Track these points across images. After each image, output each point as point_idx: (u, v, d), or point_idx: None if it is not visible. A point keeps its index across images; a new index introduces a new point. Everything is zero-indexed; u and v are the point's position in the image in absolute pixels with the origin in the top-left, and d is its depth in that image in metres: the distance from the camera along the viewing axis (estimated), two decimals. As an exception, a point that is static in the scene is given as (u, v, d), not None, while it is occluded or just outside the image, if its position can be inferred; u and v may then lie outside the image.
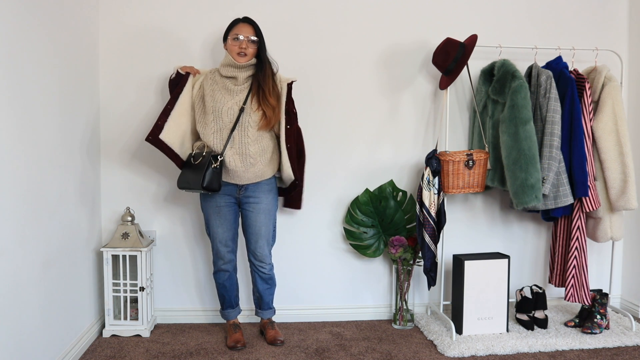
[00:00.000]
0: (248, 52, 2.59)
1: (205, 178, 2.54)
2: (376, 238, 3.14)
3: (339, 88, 3.13)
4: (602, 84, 2.95)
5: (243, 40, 2.58)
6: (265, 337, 2.87)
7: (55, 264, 2.40)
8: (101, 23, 2.97)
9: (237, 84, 2.63)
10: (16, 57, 2.06)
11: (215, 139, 2.62)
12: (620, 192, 2.88)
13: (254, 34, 2.61)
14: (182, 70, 2.71)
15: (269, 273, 2.83)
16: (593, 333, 2.87)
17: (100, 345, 2.78)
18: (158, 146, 2.60)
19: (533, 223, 3.32)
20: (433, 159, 2.89)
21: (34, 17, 2.20)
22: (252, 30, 2.61)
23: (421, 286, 3.24)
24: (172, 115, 2.60)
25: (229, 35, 2.63)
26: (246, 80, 2.65)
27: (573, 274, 2.96)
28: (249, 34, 2.60)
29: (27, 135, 2.14)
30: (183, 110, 2.66)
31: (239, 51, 2.58)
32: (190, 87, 2.69)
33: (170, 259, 3.13)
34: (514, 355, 2.69)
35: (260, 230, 2.74)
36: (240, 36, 2.59)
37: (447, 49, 2.87)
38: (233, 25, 2.64)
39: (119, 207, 3.05)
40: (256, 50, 2.62)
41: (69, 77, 2.57)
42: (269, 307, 2.92)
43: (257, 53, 2.64)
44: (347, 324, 3.14)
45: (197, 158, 2.62)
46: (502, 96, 2.89)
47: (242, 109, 2.61)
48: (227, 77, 2.64)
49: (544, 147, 2.83)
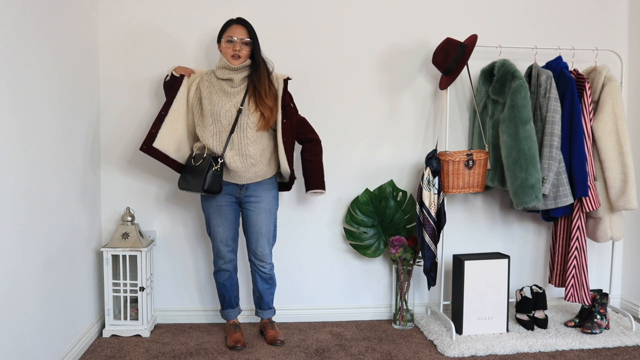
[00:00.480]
0: (242, 54, 2.59)
1: (206, 181, 2.54)
2: (376, 238, 3.14)
3: (339, 88, 3.13)
4: (602, 84, 2.95)
5: (236, 43, 2.58)
6: (265, 337, 2.87)
7: (55, 264, 2.40)
8: (101, 24, 2.97)
9: (234, 86, 2.64)
10: (16, 58, 2.05)
11: (215, 142, 2.62)
12: (620, 192, 2.88)
13: (248, 36, 2.60)
14: (176, 73, 2.70)
15: (270, 273, 2.83)
16: (593, 333, 2.87)
17: (100, 345, 2.78)
18: (153, 154, 2.60)
19: (533, 223, 3.32)
20: (433, 159, 2.89)
21: (33, 18, 2.20)
22: (246, 31, 2.61)
23: (421, 286, 3.24)
24: (166, 122, 2.60)
25: (222, 37, 2.63)
26: (242, 81, 2.65)
27: (573, 274, 2.96)
28: (242, 35, 2.59)
29: (27, 135, 2.14)
30: (178, 115, 2.65)
31: (232, 53, 2.58)
32: (185, 90, 2.68)
33: (170, 258, 3.13)
34: (514, 355, 2.69)
35: (261, 229, 2.74)
36: (233, 38, 2.58)
37: (447, 49, 2.87)
38: (226, 27, 2.63)
39: (119, 207, 3.05)
40: (250, 51, 2.62)
41: (69, 77, 2.57)
42: (269, 307, 2.92)
43: (252, 54, 2.63)
44: (347, 324, 3.14)
45: (197, 160, 2.62)
46: (502, 96, 2.89)
47: (240, 110, 2.61)
48: (224, 80, 2.64)
49: (544, 147, 2.83)
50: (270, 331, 2.85)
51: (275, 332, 2.84)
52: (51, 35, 2.36)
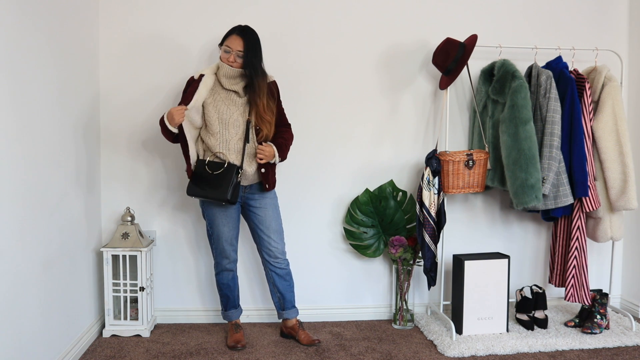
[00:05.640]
0: (235, 65, 2.61)
1: (231, 192, 2.55)
2: (376, 238, 3.14)
3: (339, 88, 3.12)
4: (602, 84, 2.95)
5: (231, 54, 2.59)
6: (298, 340, 2.81)
7: (55, 264, 2.40)
8: (101, 24, 2.97)
9: (240, 96, 2.65)
10: (16, 59, 2.06)
11: (223, 149, 2.60)
12: (620, 192, 2.88)
13: (243, 48, 2.59)
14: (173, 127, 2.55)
15: (286, 268, 2.82)
16: (593, 333, 2.87)
17: (100, 345, 2.78)
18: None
19: (533, 223, 3.32)
20: (433, 159, 2.89)
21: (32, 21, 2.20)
22: (242, 44, 2.59)
23: (421, 286, 3.24)
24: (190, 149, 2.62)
25: (222, 45, 2.63)
26: (245, 92, 2.66)
27: (573, 274, 2.96)
28: (238, 47, 2.59)
29: (27, 136, 2.14)
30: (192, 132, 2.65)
31: (227, 63, 2.61)
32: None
33: (170, 258, 3.13)
34: (514, 355, 2.69)
35: (272, 224, 2.75)
36: (229, 49, 2.59)
37: (447, 49, 2.87)
38: (227, 36, 2.63)
39: (119, 207, 3.05)
40: (242, 64, 2.60)
41: (69, 78, 2.57)
42: (293, 305, 2.86)
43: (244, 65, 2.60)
44: (347, 324, 3.14)
45: (214, 167, 2.59)
46: (502, 96, 2.89)
47: (249, 121, 2.63)
48: (230, 90, 2.64)
49: (544, 147, 2.83)
50: (303, 332, 2.82)
51: (308, 333, 2.82)
52: (51, 36, 2.37)
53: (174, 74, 3.01)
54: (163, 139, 2.70)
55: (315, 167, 3.14)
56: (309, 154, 3.13)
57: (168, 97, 3.02)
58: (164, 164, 3.06)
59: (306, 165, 3.13)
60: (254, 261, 3.13)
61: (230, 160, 2.60)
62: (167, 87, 3.02)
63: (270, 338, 2.90)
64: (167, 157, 3.06)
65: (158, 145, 3.03)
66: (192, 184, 2.62)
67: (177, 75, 3.00)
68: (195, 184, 2.61)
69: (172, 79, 3.01)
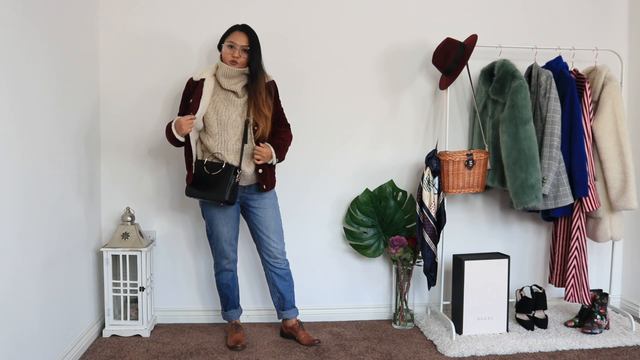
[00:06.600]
0: (239, 60, 2.60)
1: (229, 193, 2.55)
2: (376, 238, 3.14)
3: (339, 88, 3.12)
4: (602, 84, 2.95)
5: (236, 49, 2.59)
6: (298, 340, 2.82)
7: (55, 264, 2.40)
8: (101, 24, 2.97)
9: (239, 97, 2.65)
10: (16, 60, 2.06)
11: (222, 150, 2.60)
12: (620, 192, 2.88)
13: (248, 44, 2.60)
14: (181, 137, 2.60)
15: (286, 268, 2.82)
16: (593, 333, 2.87)
17: (100, 345, 2.78)
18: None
19: (533, 223, 3.32)
20: (433, 159, 2.89)
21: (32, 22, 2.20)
22: (247, 39, 2.61)
23: (421, 286, 3.24)
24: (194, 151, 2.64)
25: (224, 42, 2.63)
26: (244, 92, 2.66)
27: (573, 274, 2.96)
28: (243, 42, 2.60)
29: (27, 136, 2.14)
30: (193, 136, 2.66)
31: (231, 59, 2.60)
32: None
33: (170, 258, 3.13)
34: (514, 355, 2.69)
35: (271, 224, 2.74)
36: (234, 44, 2.59)
37: (447, 49, 2.87)
38: (230, 32, 2.64)
39: (119, 207, 3.05)
40: (247, 59, 2.61)
41: (69, 78, 2.57)
42: (292, 305, 2.87)
43: (249, 62, 2.62)
44: (347, 324, 3.14)
45: (212, 168, 2.59)
46: (502, 96, 2.89)
47: (247, 121, 2.63)
48: (229, 91, 2.64)
49: (544, 147, 2.83)
50: (303, 332, 2.82)
51: (308, 333, 2.82)
52: (51, 37, 2.36)
53: (174, 73, 3.01)
54: (164, 139, 2.71)
55: (315, 167, 3.14)
56: (309, 154, 3.13)
57: (168, 97, 3.02)
58: (164, 163, 3.06)
59: (306, 165, 3.13)
60: (253, 261, 3.13)
61: (229, 160, 2.60)
62: (168, 86, 3.02)
63: (270, 338, 2.90)
64: (168, 157, 3.06)
65: (158, 145, 3.03)
66: (189, 186, 2.64)
67: (177, 74, 3.01)
68: (194, 185, 2.62)
69: (172, 78, 3.01)
